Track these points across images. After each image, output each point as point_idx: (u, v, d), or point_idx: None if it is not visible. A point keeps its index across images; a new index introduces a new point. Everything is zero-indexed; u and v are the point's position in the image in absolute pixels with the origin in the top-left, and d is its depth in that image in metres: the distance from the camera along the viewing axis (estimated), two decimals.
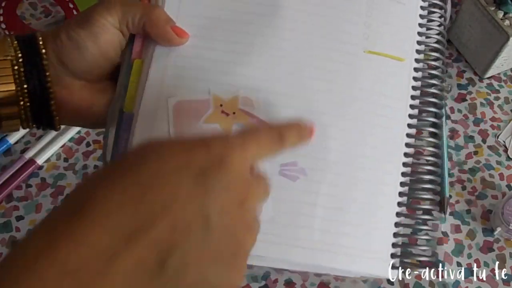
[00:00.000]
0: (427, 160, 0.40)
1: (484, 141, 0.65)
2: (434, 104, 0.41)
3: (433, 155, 0.40)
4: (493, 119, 0.66)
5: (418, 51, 0.41)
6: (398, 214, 0.38)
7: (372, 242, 0.37)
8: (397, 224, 0.38)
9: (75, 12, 0.65)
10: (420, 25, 0.41)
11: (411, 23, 0.41)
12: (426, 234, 0.39)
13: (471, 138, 0.65)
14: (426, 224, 0.39)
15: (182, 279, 0.25)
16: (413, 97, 0.40)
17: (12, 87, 0.35)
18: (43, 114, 0.36)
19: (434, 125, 0.40)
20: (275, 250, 0.35)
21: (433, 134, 0.40)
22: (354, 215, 0.37)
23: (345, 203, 0.37)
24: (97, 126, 0.40)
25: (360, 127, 0.38)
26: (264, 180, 0.30)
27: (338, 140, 0.37)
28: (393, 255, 0.38)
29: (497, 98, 0.68)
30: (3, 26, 0.65)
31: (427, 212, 0.39)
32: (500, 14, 0.62)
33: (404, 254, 0.38)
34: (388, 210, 0.38)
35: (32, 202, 0.59)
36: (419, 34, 0.41)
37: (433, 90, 0.40)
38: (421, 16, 0.42)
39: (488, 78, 0.69)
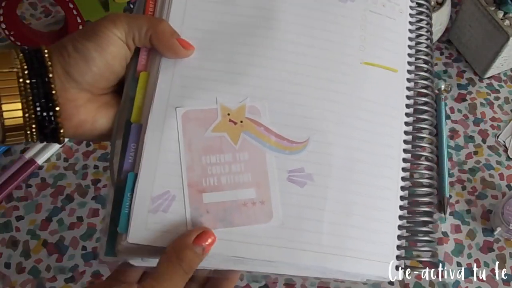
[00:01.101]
0: (425, 165, 0.42)
1: (484, 141, 0.65)
2: (428, 112, 0.43)
3: (430, 160, 0.42)
4: (493, 119, 0.66)
5: (409, 63, 0.43)
6: (400, 217, 0.40)
7: (378, 245, 0.38)
8: (400, 227, 0.39)
9: (75, 12, 0.65)
10: (410, 39, 0.44)
11: (402, 37, 0.43)
12: (427, 235, 0.40)
13: (471, 138, 0.65)
14: (427, 226, 0.40)
15: None
16: (407, 106, 0.42)
17: (18, 99, 0.34)
18: (47, 127, 0.36)
19: (429, 132, 0.42)
20: (285, 255, 0.36)
21: (429, 141, 0.42)
22: (359, 219, 0.38)
23: (350, 208, 0.38)
24: (100, 139, 0.40)
25: (359, 134, 0.39)
26: None
27: (339, 146, 0.39)
28: (398, 257, 0.39)
29: (497, 98, 0.68)
30: (3, 26, 0.65)
31: (427, 214, 0.41)
32: (500, 14, 0.62)
33: (408, 256, 0.39)
34: (391, 213, 0.39)
35: (32, 202, 0.59)
36: (409, 47, 0.43)
37: (425, 99, 0.42)
38: (410, 31, 0.44)
39: (488, 78, 0.69)
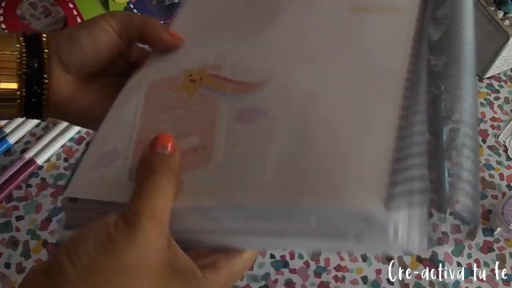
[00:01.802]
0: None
1: (484, 141, 0.65)
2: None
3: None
4: (493, 119, 0.66)
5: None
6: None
7: (356, 169, 0.27)
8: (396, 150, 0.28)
9: (75, 12, 0.65)
10: None
11: None
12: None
13: None
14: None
15: None
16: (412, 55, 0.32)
17: (15, 79, 0.38)
18: (33, 104, 0.39)
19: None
20: (219, 197, 0.29)
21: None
22: (323, 148, 0.29)
23: (312, 137, 0.29)
24: (77, 123, 0.44)
25: (342, 73, 0.32)
26: None
27: (308, 83, 0.32)
28: (391, 184, 0.27)
29: (497, 98, 0.68)
30: (3, 26, 0.65)
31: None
32: (500, 14, 0.62)
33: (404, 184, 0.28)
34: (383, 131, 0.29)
35: (32, 202, 0.59)
36: None
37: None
38: None
39: (488, 78, 0.69)
